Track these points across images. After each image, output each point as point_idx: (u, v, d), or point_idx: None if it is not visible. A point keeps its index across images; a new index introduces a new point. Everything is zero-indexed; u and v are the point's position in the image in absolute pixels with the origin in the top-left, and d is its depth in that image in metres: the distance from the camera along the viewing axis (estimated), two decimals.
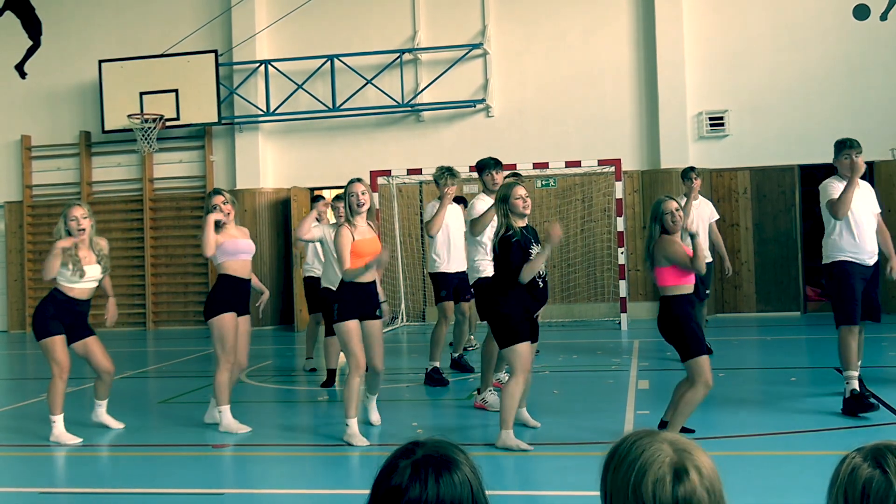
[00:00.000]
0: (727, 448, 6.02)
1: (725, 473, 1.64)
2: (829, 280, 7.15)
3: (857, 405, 6.80)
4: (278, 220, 15.93)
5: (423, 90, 15.26)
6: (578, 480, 5.48)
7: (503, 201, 6.22)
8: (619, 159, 13.66)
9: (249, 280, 7.35)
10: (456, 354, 9.71)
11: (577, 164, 13.78)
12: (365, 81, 15.07)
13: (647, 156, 14.73)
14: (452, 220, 9.05)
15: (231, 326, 7.11)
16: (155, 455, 6.57)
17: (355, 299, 6.59)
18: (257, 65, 15.64)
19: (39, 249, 16.86)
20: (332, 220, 9.08)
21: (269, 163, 16.08)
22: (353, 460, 6.50)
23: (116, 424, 7.45)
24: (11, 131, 17.00)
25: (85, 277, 7.03)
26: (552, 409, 7.65)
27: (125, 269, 16.57)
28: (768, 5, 14.54)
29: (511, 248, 6.09)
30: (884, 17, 14.17)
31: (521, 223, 6.24)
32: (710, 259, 10.40)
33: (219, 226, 7.25)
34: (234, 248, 7.22)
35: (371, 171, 14.21)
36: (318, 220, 8.73)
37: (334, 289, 8.23)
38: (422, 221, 12.85)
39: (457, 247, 9.11)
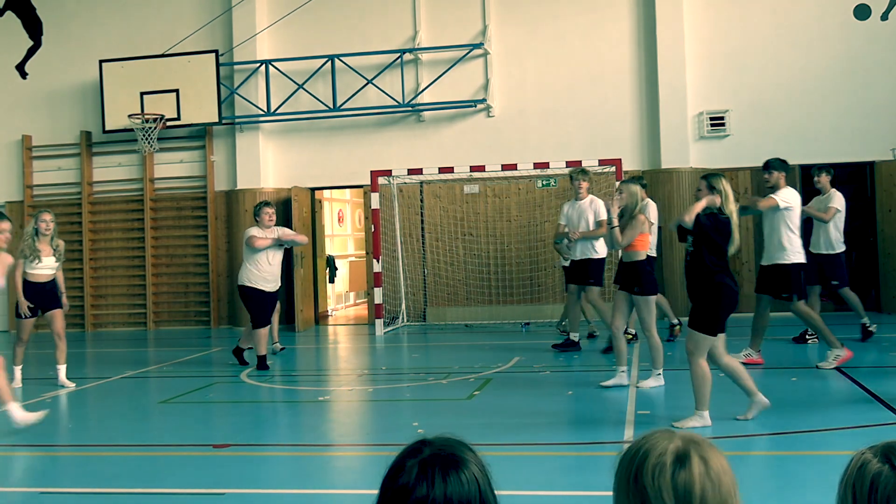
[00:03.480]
0: (727, 448, 6.01)
1: None
2: None
3: None
4: (279, 220, 15.90)
5: (423, 90, 15.26)
6: (578, 480, 5.48)
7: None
8: (620, 159, 13.65)
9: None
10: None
11: (578, 163, 13.74)
12: (365, 81, 15.06)
13: (647, 156, 14.72)
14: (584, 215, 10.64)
15: None
16: (155, 455, 6.57)
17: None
18: (258, 65, 15.64)
19: None
20: None
21: (269, 163, 16.07)
22: (353, 460, 6.50)
23: (70, 385, 9.49)
24: (12, 131, 17.00)
25: (41, 264, 9.49)
26: (553, 408, 7.65)
27: (125, 269, 16.57)
28: (769, 5, 14.53)
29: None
30: (884, 17, 14.16)
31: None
32: (836, 250, 10.47)
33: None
34: None
35: (371, 171, 14.21)
36: None
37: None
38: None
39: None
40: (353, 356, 12.38)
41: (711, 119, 14.53)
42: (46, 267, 9.57)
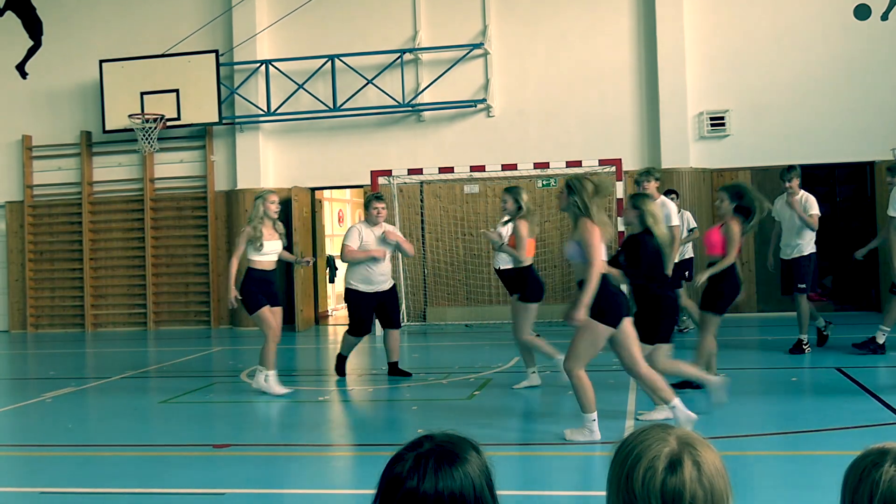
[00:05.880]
0: (727, 448, 6.01)
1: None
2: None
3: None
4: (279, 219, 15.89)
5: (423, 90, 15.26)
6: (578, 480, 5.48)
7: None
8: (620, 159, 13.66)
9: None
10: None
11: (578, 163, 13.76)
12: (366, 81, 15.06)
13: (647, 156, 14.72)
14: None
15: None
16: (155, 455, 6.57)
17: None
18: (258, 65, 15.64)
19: (40, 249, 16.88)
20: None
21: (269, 163, 16.08)
22: (353, 460, 6.51)
23: (281, 390, 8.65)
24: (12, 131, 17.01)
25: (264, 250, 8.66)
26: (553, 408, 7.65)
27: (126, 269, 16.57)
28: (769, 5, 14.53)
29: None
30: (884, 16, 14.16)
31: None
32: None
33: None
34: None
35: (372, 171, 14.22)
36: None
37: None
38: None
39: None
40: (353, 356, 12.36)
41: (711, 119, 14.53)
42: (272, 252, 8.79)
